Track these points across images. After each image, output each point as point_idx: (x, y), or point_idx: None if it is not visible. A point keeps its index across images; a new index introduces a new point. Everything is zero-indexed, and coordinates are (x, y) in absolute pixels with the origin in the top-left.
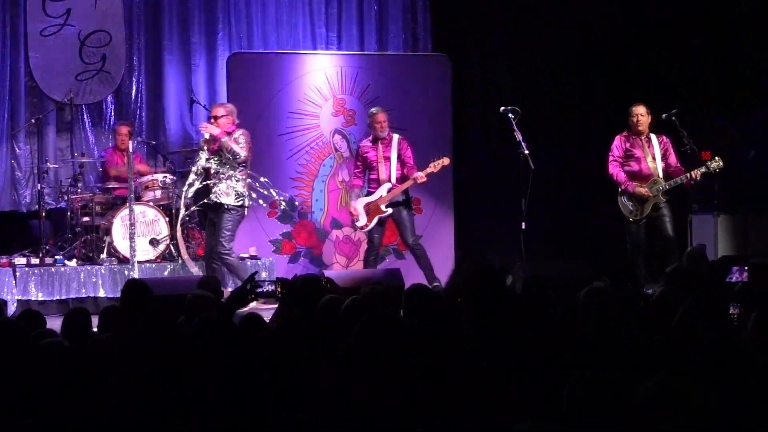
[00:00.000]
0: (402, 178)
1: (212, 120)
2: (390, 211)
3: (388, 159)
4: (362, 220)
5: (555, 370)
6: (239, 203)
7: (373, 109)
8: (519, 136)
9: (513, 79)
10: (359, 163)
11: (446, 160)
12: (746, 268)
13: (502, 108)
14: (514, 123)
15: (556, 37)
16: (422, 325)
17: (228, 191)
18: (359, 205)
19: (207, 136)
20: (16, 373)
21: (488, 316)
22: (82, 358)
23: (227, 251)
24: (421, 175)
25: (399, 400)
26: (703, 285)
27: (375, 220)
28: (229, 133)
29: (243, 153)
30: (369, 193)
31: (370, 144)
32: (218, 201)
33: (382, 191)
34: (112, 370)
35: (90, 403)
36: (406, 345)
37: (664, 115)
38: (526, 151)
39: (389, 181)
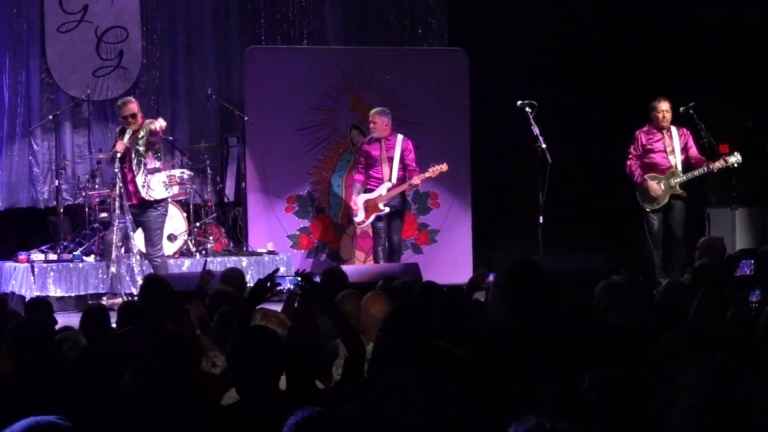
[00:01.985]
0: (403, 179)
1: (129, 119)
2: (387, 210)
3: (390, 159)
4: (360, 216)
5: (574, 363)
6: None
7: (374, 109)
8: (536, 130)
9: (530, 73)
10: (362, 159)
11: (444, 167)
12: (751, 261)
13: (519, 102)
14: (531, 117)
15: (573, 30)
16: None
17: (157, 186)
18: (360, 200)
19: (157, 126)
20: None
21: (528, 310)
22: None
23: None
24: (416, 182)
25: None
26: (716, 277)
27: (372, 218)
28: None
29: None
30: (369, 190)
31: (374, 142)
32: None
33: (382, 190)
34: (129, 366)
35: (106, 399)
36: (425, 336)
37: (681, 109)
38: (544, 145)
39: (389, 180)
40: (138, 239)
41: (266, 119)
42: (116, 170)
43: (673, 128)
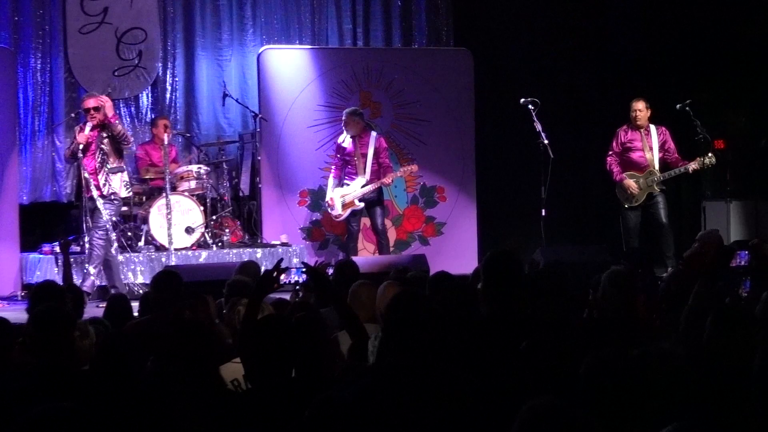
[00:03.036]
0: (377, 174)
1: (92, 112)
2: (362, 205)
3: (364, 155)
4: (337, 209)
5: (571, 351)
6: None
7: (346, 110)
8: (539, 127)
9: (533, 72)
10: (338, 156)
11: (415, 167)
12: (745, 252)
13: (522, 99)
14: (534, 114)
15: (573, 30)
16: (445, 306)
17: (118, 185)
18: (336, 195)
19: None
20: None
21: (505, 299)
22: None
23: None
24: (387, 181)
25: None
26: (711, 267)
27: (348, 212)
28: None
29: (129, 135)
30: (344, 185)
31: (349, 139)
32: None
33: (356, 186)
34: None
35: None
36: (431, 322)
37: (678, 106)
38: (546, 141)
39: (363, 175)
40: (160, 233)
41: (280, 116)
42: (77, 162)
43: (652, 127)
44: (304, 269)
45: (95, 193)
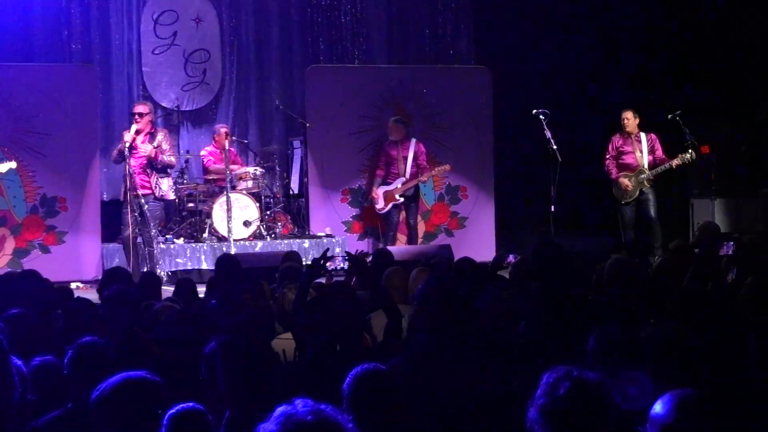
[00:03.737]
0: (415, 175)
1: (137, 117)
2: (402, 200)
3: (405, 158)
4: (380, 204)
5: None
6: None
7: (391, 118)
8: (548, 134)
9: (543, 87)
10: (383, 158)
11: (447, 167)
12: (732, 243)
13: (534, 111)
14: (544, 123)
15: (576, 52)
16: (470, 288)
17: (166, 187)
18: (380, 191)
19: (143, 152)
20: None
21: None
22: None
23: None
24: (423, 178)
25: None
26: (702, 255)
27: (390, 206)
28: (151, 134)
29: (174, 160)
30: (387, 183)
31: (393, 144)
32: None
33: (398, 183)
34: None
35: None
36: (457, 303)
37: (669, 116)
38: (555, 147)
39: (404, 176)
40: (221, 226)
41: (324, 125)
42: (125, 162)
43: (642, 134)
44: (346, 257)
45: (141, 192)
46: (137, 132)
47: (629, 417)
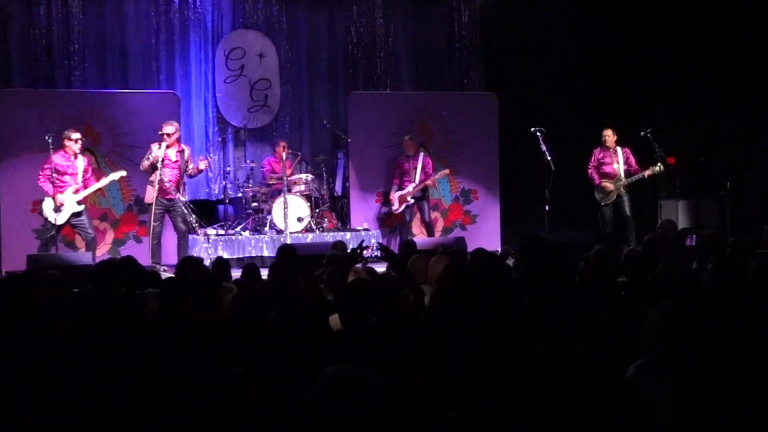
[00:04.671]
0: (423, 181)
1: (165, 136)
2: (412, 201)
3: (415, 168)
4: (396, 206)
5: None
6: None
7: (405, 136)
8: (544, 147)
9: (538, 109)
10: (398, 170)
11: (446, 171)
12: (694, 236)
13: (533, 128)
14: (540, 138)
15: (569, 78)
16: (483, 275)
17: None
18: (396, 195)
19: (203, 166)
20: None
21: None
22: (254, 297)
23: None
24: (429, 182)
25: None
26: (672, 246)
27: (403, 207)
28: (181, 152)
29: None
30: (401, 189)
31: (406, 157)
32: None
33: (409, 188)
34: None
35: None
36: (472, 288)
37: (642, 133)
38: (549, 158)
39: (414, 182)
40: (279, 221)
41: (362, 140)
42: (158, 170)
43: (619, 148)
44: (378, 247)
45: (176, 195)
46: (167, 147)
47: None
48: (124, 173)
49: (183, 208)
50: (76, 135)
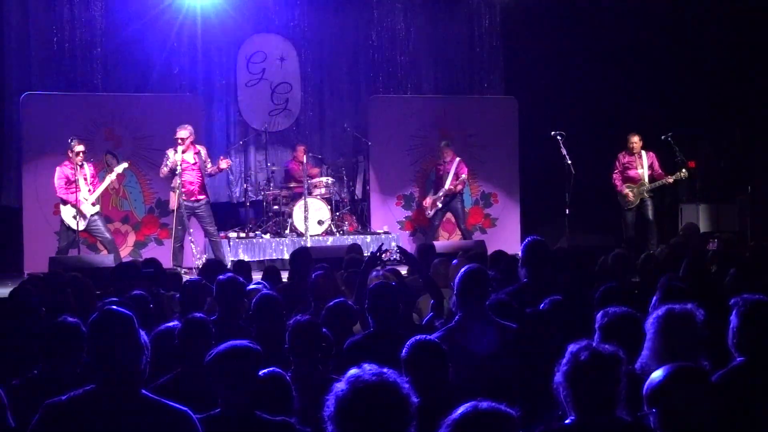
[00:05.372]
0: (453, 186)
1: (179, 141)
2: (440, 205)
3: (448, 173)
4: (428, 211)
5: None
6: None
7: (442, 142)
8: (564, 151)
9: (560, 113)
10: (435, 174)
11: (464, 178)
12: (716, 240)
13: (553, 132)
14: (561, 142)
15: (590, 82)
16: (500, 274)
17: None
18: (429, 200)
19: (224, 165)
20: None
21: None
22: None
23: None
24: (459, 187)
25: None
26: (696, 249)
27: (433, 211)
28: (198, 153)
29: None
30: (435, 192)
31: (441, 162)
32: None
33: (440, 193)
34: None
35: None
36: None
37: (663, 137)
38: (569, 161)
39: (445, 186)
40: (300, 224)
41: (383, 143)
42: (176, 175)
43: (644, 152)
44: (398, 250)
45: (199, 197)
46: (183, 151)
47: (640, 380)
48: (125, 165)
49: (209, 209)
50: (79, 147)
